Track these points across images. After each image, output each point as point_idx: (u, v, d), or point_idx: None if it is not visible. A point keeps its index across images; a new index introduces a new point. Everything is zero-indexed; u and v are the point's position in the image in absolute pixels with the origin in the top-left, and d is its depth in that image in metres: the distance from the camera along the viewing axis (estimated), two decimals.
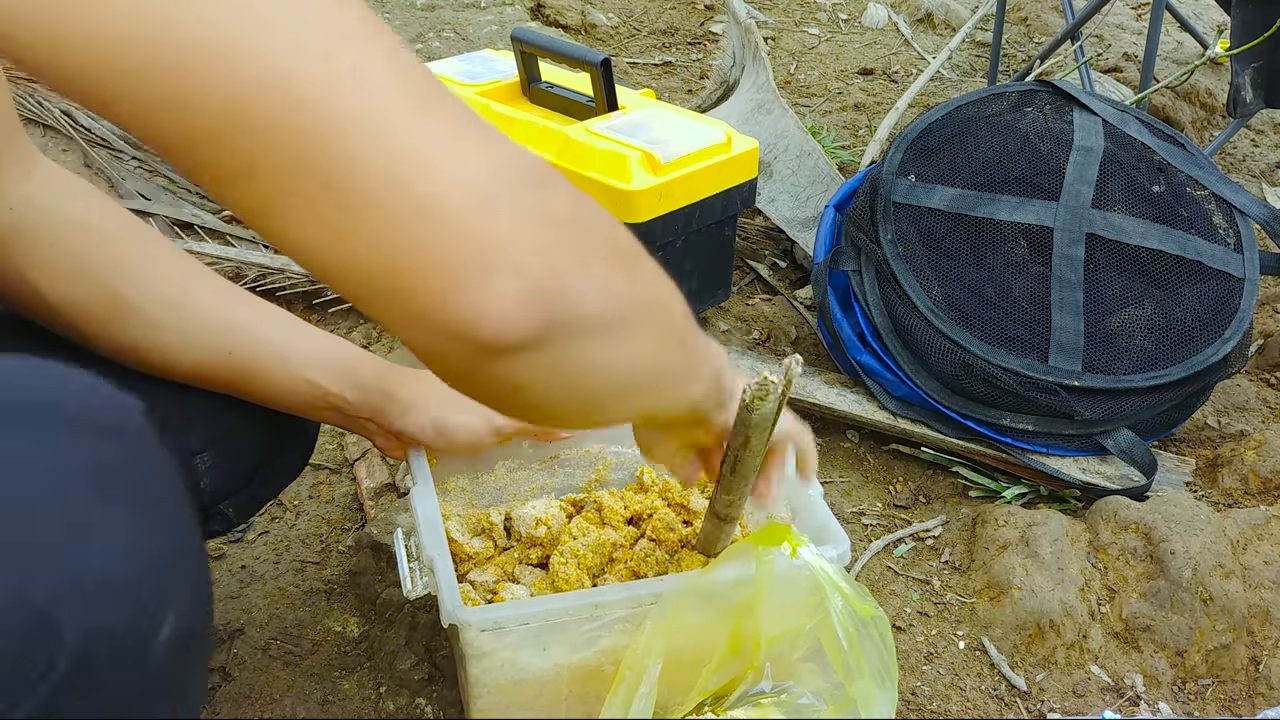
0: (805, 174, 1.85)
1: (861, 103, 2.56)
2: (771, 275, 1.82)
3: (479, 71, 1.67)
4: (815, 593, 0.90)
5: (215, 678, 1.12)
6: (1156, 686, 1.18)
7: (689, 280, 1.56)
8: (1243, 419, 1.56)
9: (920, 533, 1.37)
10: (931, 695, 1.15)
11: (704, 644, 0.92)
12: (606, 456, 1.20)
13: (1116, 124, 1.57)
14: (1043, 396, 1.38)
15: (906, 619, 1.24)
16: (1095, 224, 1.47)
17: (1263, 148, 2.47)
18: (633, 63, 2.74)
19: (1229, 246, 1.50)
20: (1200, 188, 1.55)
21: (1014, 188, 1.51)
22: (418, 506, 1.00)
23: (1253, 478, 1.42)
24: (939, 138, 1.56)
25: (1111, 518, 1.28)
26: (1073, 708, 1.15)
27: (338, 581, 1.24)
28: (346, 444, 1.43)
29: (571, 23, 2.86)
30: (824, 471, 1.45)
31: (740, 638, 0.91)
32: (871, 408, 1.46)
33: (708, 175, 1.47)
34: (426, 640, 1.14)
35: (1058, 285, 1.44)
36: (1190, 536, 1.23)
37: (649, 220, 1.42)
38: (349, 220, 0.51)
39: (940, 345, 1.40)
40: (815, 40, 2.97)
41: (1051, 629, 1.20)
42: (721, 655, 0.93)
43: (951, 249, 1.47)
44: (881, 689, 0.88)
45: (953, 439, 1.42)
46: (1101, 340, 1.42)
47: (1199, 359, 1.41)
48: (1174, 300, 1.46)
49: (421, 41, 2.57)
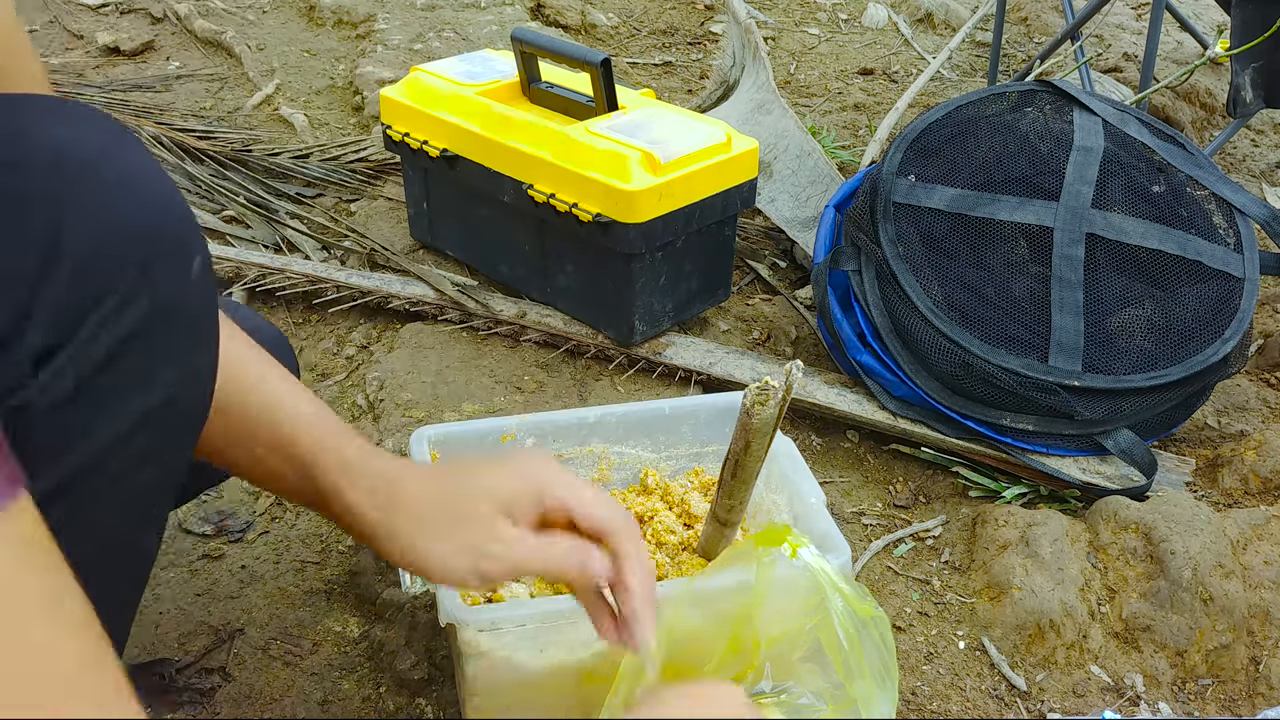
0: (805, 174, 1.85)
1: (861, 103, 2.56)
2: (771, 275, 1.82)
3: (479, 71, 1.67)
4: (815, 593, 0.90)
5: (215, 678, 1.12)
6: (1156, 686, 1.18)
7: (689, 280, 1.56)
8: (1243, 419, 1.56)
9: (920, 533, 1.37)
10: (931, 695, 1.15)
11: (703, 646, 0.92)
12: (610, 456, 1.20)
13: (1116, 124, 1.57)
14: (1043, 396, 1.38)
15: (906, 619, 1.24)
16: (1095, 224, 1.47)
17: (1263, 148, 2.47)
18: (633, 63, 2.74)
19: (1229, 246, 1.50)
20: (1200, 188, 1.55)
21: (1014, 188, 1.51)
22: None
23: (1253, 478, 1.42)
24: (939, 138, 1.56)
25: (1111, 518, 1.28)
26: (1073, 708, 1.15)
27: (338, 581, 1.24)
28: None
29: (571, 23, 2.86)
30: (824, 471, 1.45)
31: (740, 639, 0.91)
32: (871, 408, 1.46)
33: (708, 175, 1.47)
34: (426, 640, 1.14)
35: (1058, 285, 1.44)
36: (1190, 536, 1.23)
37: (649, 220, 1.42)
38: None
39: (940, 345, 1.40)
40: (815, 40, 2.97)
41: (1051, 629, 1.20)
42: (721, 656, 0.93)
43: (951, 249, 1.47)
44: (882, 689, 0.88)
45: (953, 439, 1.42)
46: (1101, 340, 1.42)
47: (1199, 359, 1.41)
48: (1174, 300, 1.46)
49: (421, 41, 2.57)
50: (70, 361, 0.61)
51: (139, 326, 0.63)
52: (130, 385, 0.65)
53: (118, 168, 0.64)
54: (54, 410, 0.61)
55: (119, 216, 0.62)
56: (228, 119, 2.28)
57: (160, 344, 0.65)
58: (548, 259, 1.58)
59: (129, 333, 0.63)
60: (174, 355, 0.67)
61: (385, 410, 1.45)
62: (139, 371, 0.65)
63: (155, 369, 0.66)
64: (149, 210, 0.64)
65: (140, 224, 0.63)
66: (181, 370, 0.68)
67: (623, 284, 1.49)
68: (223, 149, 2.06)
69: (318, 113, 2.33)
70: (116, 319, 0.62)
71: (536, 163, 1.49)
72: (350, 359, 1.60)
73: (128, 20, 2.77)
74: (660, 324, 1.56)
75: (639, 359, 1.54)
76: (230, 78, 2.48)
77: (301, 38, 2.69)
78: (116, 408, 0.64)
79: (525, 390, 1.50)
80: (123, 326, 0.62)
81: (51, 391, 0.60)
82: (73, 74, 2.45)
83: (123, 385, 0.64)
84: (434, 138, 1.62)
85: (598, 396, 1.49)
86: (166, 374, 0.67)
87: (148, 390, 0.66)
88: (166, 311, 0.65)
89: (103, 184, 0.62)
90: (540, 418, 1.16)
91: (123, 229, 0.62)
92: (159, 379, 0.66)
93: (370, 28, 2.67)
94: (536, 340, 1.59)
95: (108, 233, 0.61)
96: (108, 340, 0.62)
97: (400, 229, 1.84)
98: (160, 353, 0.66)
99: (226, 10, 2.81)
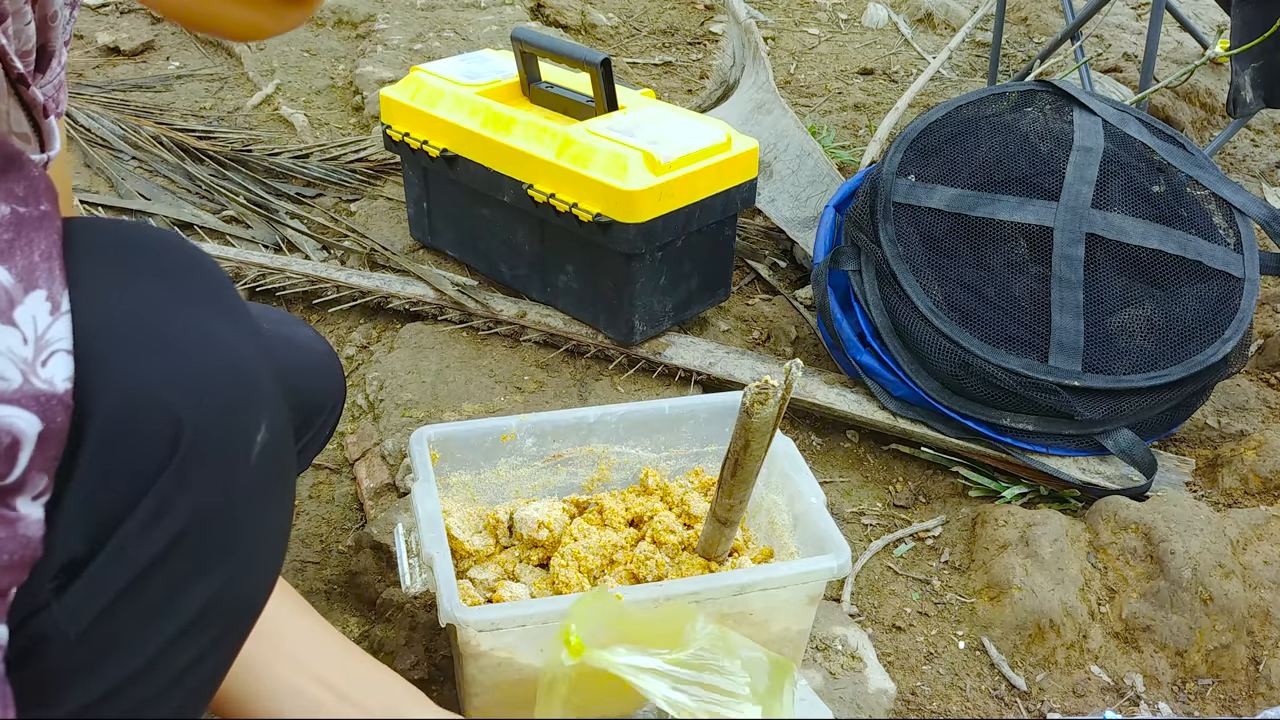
0: (805, 174, 1.85)
1: (861, 103, 2.56)
2: (771, 275, 1.82)
3: (479, 71, 1.67)
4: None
5: None
6: (1156, 686, 1.18)
7: (689, 280, 1.56)
8: (1243, 419, 1.56)
9: (920, 533, 1.37)
10: (931, 695, 1.15)
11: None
12: (610, 456, 1.20)
13: (1117, 124, 1.57)
14: (1043, 396, 1.38)
15: (906, 619, 1.24)
16: (1095, 224, 1.47)
17: (1263, 148, 2.47)
18: (633, 63, 2.74)
19: (1229, 246, 1.50)
20: (1200, 188, 1.55)
21: (1014, 188, 1.51)
22: (419, 503, 1.00)
23: (1253, 478, 1.42)
24: (939, 138, 1.56)
25: (1111, 518, 1.28)
26: (1073, 708, 1.15)
27: (338, 581, 1.24)
28: (346, 444, 1.44)
29: (571, 23, 2.86)
30: (824, 471, 1.45)
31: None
32: (871, 408, 1.46)
33: (708, 175, 1.47)
34: (426, 640, 1.14)
35: (1058, 285, 1.44)
36: (1190, 536, 1.23)
37: (649, 220, 1.42)
38: None
39: (940, 345, 1.40)
40: (815, 40, 2.97)
41: (1051, 629, 1.20)
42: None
43: (951, 249, 1.47)
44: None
45: (953, 439, 1.42)
46: (1101, 340, 1.42)
47: (1199, 359, 1.41)
48: (1174, 300, 1.46)
49: (421, 41, 2.57)
50: (96, 577, 0.54)
51: (179, 532, 0.56)
52: (173, 593, 0.58)
53: (151, 343, 0.56)
54: (81, 635, 0.54)
55: (150, 404, 0.54)
56: (228, 119, 2.28)
57: (204, 543, 0.58)
58: (548, 259, 1.58)
59: (169, 540, 0.56)
60: (222, 551, 0.59)
61: (385, 410, 1.45)
62: (182, 578, 0.58)
63: (203, 569, 0.59)
64: (186, 389, 0.56)
65: (171, 408, 0.55)
66: (233, 565, 0.61)
67: (623, 284, 1.49)
68: (223, 149, 2.06)
69: (318, 113, 2.33)
70: (152, 528, 0.55)
71: (536, 163, 1.49)
72: (350, 359, 1.60)
73: (128, 20, 2.77)
74: (660, 324, 1.56)
75: (639, 359, 1.54)
76: (230, 78, 2.48)
77: (301, 37, 2.69)
78: (158, 620, 0.57)
79: (525, 390, 1.50)
80: (161, 535, 0.55)
81: (78, 615, 0.54)
82: (73, 74, 2.45)
83: (166, 594, 0.57)
84: (434, 137, 1.62)
85: (598, 396, 1.49)
86: (215, 573, 0.59)
87: (195, 593, 0.59)
88: (209, 510, 0.57)
89: (126, 370, 0.54)
90: (540, 418, 1.16)
91: (149, 422, 0.54)
92: (209, 577, 0.59)
93: (370, 28, 2.67)
94: (536, 340, 1.59)
95: (134, 428, 0.54)
96: (140, 553, 0.55)
97: (400, 229, 1.84)
98: (205, 553, 0.58)
99: None
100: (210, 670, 0.63)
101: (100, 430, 0.53)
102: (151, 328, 0.56)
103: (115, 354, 0.54)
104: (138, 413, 0.54)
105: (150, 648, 0.57)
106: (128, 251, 0.58)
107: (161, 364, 0.55)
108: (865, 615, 1.24)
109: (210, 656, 0.62)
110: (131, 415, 0.54)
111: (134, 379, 0.54)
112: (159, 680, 0.59)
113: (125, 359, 0.54)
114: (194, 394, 0.56)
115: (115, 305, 0.55)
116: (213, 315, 0.58)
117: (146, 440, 0.54)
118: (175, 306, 0.57)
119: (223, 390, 0.57)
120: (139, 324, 0.55)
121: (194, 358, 0.56)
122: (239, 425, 0.58)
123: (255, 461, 0.59)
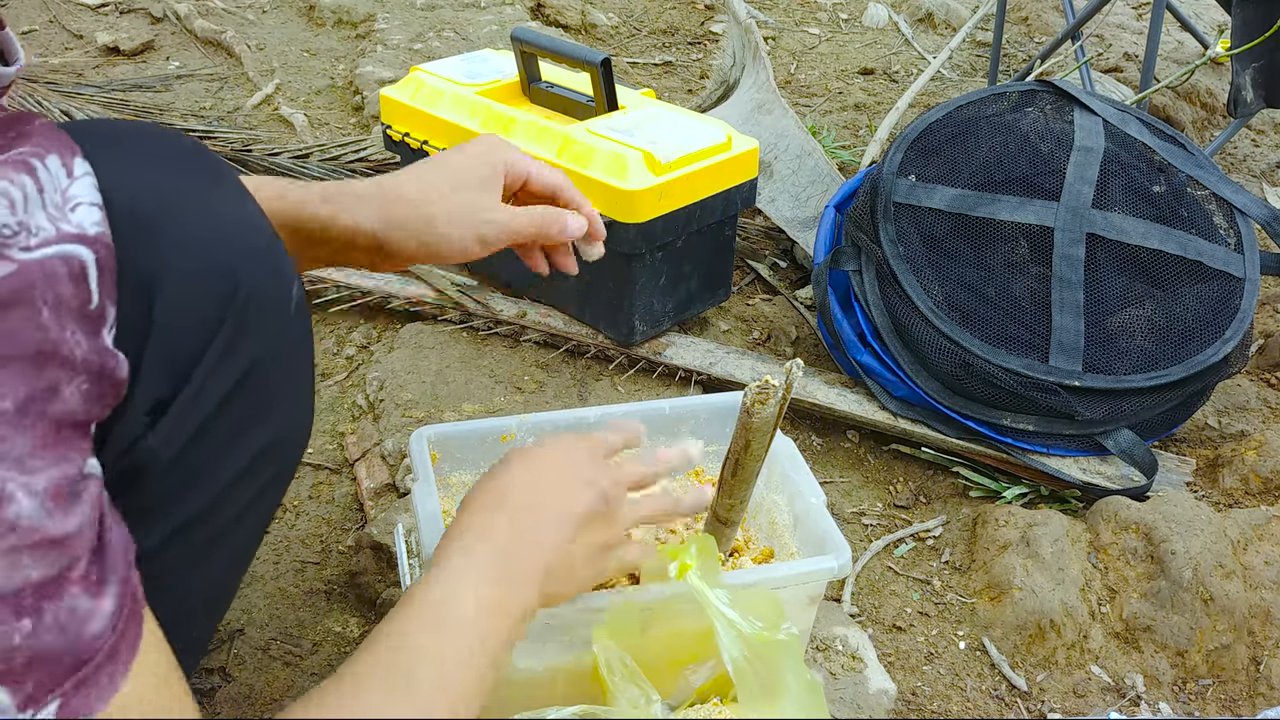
0: (805, 174, 1.85)
1: (862, 103, 2.56)
2: (771, 275, 1.82)
3: (479, 71, 1.67)
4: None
5: (215, 678, 1.12)
6: (1157, 686, 1.18)
7: (689, 280, 1.56)
8: (1243, 419, 1.56)
9: (920, 533, 1.37)
10: (932, 695, 1.15)
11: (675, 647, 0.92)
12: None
13: (1117, 124, 1.57)
14: (1043, 396, 1.38)
15: (907, 619, 1.24)
16: (1096, 224, 1.47)
17: (1263, 148, 2.47)
18: (633, 63, 2.74)
19: (1229, 247, 1.50)
20: (1201, 188, 1.55)
21: (1014, 188, 1.51)
22: (419, 503, 1.00)
23: (1253, 478, 1.42)
24: (939, 138, 1.56)
25: (1112, 518, 1.28)
26: (1073, 708, 1.15)
27: (338, 582, 1.24)
28: (346, 444, 1.43)
29: (571, 23, 2.86)
30: (824, 471, 1.45)
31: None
32: (872, 408, 1.46)
33: (708, 175, 1.47)
34: None
35: (1058, 285, 1.44)
36: (1190, 537, 1.23)
37: (649, 220, 1.42)
38: None
39: (940, 345, 1.40)
40: (815, 40, 2.97)
41: (1052, 629, 1.20)
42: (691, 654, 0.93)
43: (952, 249, 1.47)
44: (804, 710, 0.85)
45: (953, 439, 1.42)
46: (1102, 340, 1.42)
47: (1199, 359, 1.41)
48: (1174, 300, 1.46)
49: (421, 41, 2.57)
50: (182, 411, 0.63)
51: (243, 373, 0.65)
52: (240, 430, 0.67)
53: (197, 215, 0.64)
54: (172, 461, 0.63)
55: (207, 267, 0.63)
56: (228, 119, 2.28)
57: (264, 386, 0.67)
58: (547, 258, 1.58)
59: (235, 381, 0.65)
60: (277, 395, 0.70)
61: (385, 410, 1.45)
62: (247, 416, 0.67)
63: (263, 411, 0.69)
64: (237, 254, 0.65)
65: (229, 270, 0.64)
66: (285, 410, 0.71)
67: (623, 284, 1.49)
68: (223, 149, 2.06)
69: (318, 113, 2.33)
70: (220, 368, 0.64)
71: None
72: (350, 359, 1.60)
73: (128, 20, 2.77)
74: (660, 324, 1.56)
75: (639, 359, 1.54)
76: (230, 78, 2.48)
77: (301, 37, 2.69)
78: (229, 453, 0.67)
79: (525, 390, 1.50)
80: (228, 376, 0.64)
81: (170, 442, 0.62)
82: (73, 74, 2.45)
83: (234, 430, 0.66)
84: (434, 137, 1.62)
85: (598, 396, 1.49)
86: (273, 416, 0.70)
87: (256, 433, 0.69)
88: (265, 356, 0.67)
89: (183, 238, 0.62)
90: (540, 418, 1.15)
91: (209, 281, 0.63)
92: (268, 420, 0.69)
93: (370, 28, 2.67)
94: (536, 340, 1.59)
95: (197, 286, 0.63)
96: (214, 390, 0.64)
97: None
98: (264, 395, 0.69)
99: (226, 10, 2.81)
100: (262, 512, 0.74)
101: (168, 287, 0.61)
102: (192, 194, 0.64)
103: (160, 221, 0.61)
104: (198, 270, 0.62)
105: (221, 480, 0.67)
106: (135, 139, 0.65)
107: (209, 227, 0.64)
108: (866, 615, 1.24)
109: (265, 497, 0.73)
110: (193, 273, 0.62)
111: (189, 241, 0.62)
112: (226, 513, 0.69)
113: (171, 225, 0.62)
114: (242, 252, 0.65)
115: (146, 180, 0.62)
116: (229, 187, 0.67)
117: (208, 293, 0.63)
118: (197, 179, 0.66)
119: (262, 250, 0.66)
120: (175, 194, 0.63)
121: (232, 222, 0.65)
122: (283, 280, 0.68)
123: (293, 314, 0.69)
